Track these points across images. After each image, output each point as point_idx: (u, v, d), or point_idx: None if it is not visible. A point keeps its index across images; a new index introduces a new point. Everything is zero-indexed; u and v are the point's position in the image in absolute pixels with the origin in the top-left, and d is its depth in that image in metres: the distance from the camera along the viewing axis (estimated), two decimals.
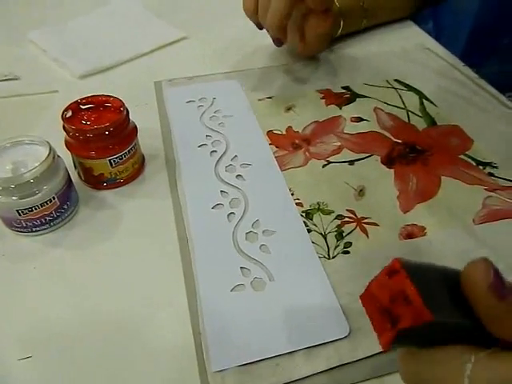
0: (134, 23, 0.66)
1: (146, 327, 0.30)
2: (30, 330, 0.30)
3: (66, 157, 0.38)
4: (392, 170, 0.41)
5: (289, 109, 0.50)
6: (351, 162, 0.42)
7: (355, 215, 0.37)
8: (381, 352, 0.28)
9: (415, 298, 0.18)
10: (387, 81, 0.54)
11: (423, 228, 0.36)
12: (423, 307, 0.18)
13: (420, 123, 0.47)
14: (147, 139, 0.43)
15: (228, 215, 0.37)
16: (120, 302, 0.31)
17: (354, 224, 0.36)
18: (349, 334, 0.29)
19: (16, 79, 0.55)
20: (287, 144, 0.45)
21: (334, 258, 0.34)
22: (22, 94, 0.52)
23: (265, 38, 0.53)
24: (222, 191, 0.39)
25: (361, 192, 0.39)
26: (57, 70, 0.57)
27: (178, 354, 0.29)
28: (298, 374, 0.27)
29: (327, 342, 0.29)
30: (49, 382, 0.27)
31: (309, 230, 0.36)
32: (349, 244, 0.35)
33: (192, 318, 0.30)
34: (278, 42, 0.51)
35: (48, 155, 0.34)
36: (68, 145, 0.38)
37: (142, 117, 0.42)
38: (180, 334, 0.30)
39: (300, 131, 0.46)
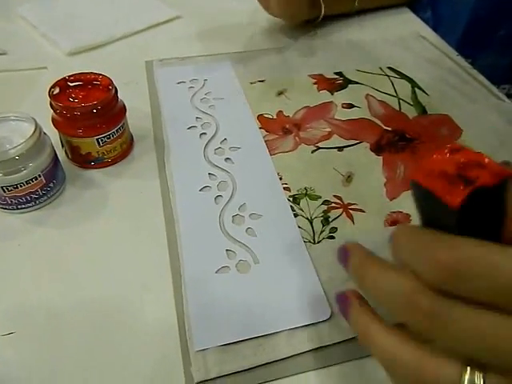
0: (126, 0, 0.65)
1: (131, 307, 0.30)
2: (14, 307, 0.30)
3: (53, 135, 0.37)
4: (380, 158, 0.41)
5: (280, 93, 0.49)
6: (340, 149, 0.42)
7: (342, 201, 0.37)
8: None
9: (490, 161, 0.17)
10: (380, 68, 0.53)
11: (408, 215, 0.36)
12: (500, 167, 0.17)
13: (411, 111, 0.47)
14: (136, 119, 0.43)
15: (215, 198, 0.37)
16: (105, 281, 0.31)
17: (341, 210, 0.37)
18: (330, 316, 0.29)
19: (4, 54, 0.54)
20: (277, 128, 0.44)
21: (319, 242, 0.34)
22: (10, 69, 0.51)
23: (259, 21, 0.53)
24: (210, 174, 0.39)
25: (348, 178, 0.39)
26: (46, 46, 0.56)
27: (162, 333, 0.29)
28: (280, 355, 0.28)
29: (309, 324, 0.29)
30: (31, 358, 0.28)
31: (295, 215, 0.36)
32: (334, 229, 0.35)
33: (176, 298, 0.30)
34: None
35: (34, 132, 0.34)
36: (55, 122, 0.38)
37: (132, 96, 0.42)
38: (164, 314, 0.30)
39: (291, 116, 0.46)
